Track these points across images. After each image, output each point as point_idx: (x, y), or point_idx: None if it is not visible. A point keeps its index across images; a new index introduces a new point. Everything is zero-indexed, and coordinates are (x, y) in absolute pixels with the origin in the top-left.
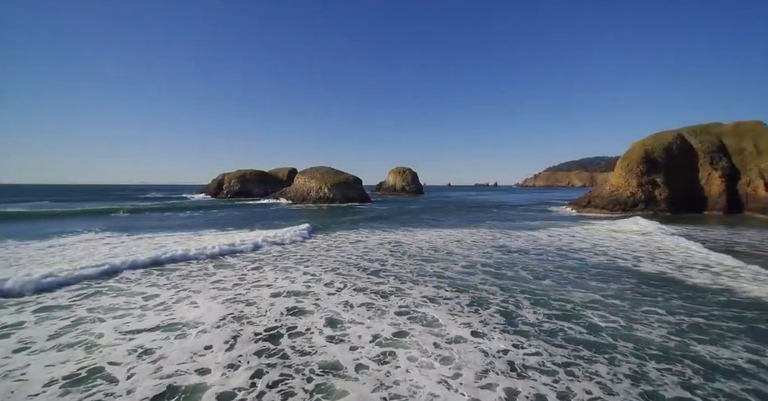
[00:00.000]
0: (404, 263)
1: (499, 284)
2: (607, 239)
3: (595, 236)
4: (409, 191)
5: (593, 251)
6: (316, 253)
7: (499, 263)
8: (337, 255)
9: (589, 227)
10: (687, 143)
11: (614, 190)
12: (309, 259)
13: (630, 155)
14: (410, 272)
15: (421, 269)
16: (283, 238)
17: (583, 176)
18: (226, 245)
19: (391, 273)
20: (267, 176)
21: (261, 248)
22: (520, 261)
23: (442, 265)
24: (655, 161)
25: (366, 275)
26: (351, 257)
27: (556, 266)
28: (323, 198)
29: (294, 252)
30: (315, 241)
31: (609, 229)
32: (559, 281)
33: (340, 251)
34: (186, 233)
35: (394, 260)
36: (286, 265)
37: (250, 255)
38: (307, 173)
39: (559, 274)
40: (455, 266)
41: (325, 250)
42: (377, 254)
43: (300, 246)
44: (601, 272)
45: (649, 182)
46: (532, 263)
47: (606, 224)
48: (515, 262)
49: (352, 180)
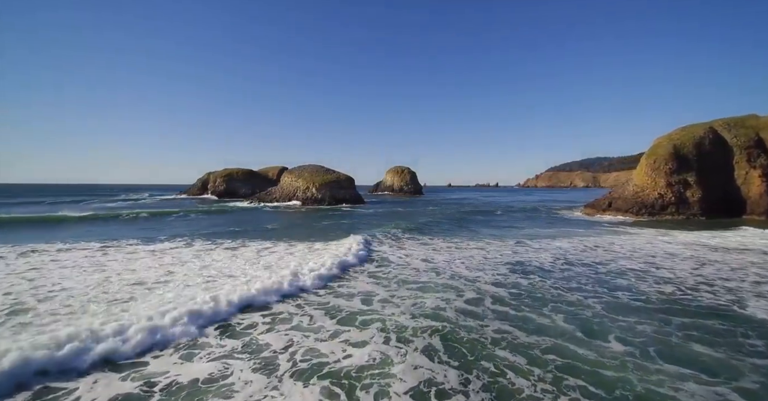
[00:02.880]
0: (394, 297)
1: (523, 349)
2: (660, 254)
3: (638, 248)
4: (408, 192)
5: (653, 276)
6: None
7: (518, 296)
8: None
9: (624, 236)
10: (720, 138)
11: (639, 191)
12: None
13: (656, 151)
14: (400, 314)
15: (418, 305)
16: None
17: (586, 177)
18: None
19: (376, 316)
20: (255, 175)
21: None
22: (548, 292)
23: (441, 297)
24: (686, 157)
25: (333, 323)
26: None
27: (608, 303)
28: (311, 199)
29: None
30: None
31: (652, 239)
32: (630, 342)
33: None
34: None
35: (382, 291)
36: None
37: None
38: (295, 171)
39: (620, 324)
40: (458, 301)
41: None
42: (358, 280)
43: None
44: (695, 322)
45: (680, 181)
46: (566, 296)
47: (639, 232)
48: (540, 292)
49: (343, 179)
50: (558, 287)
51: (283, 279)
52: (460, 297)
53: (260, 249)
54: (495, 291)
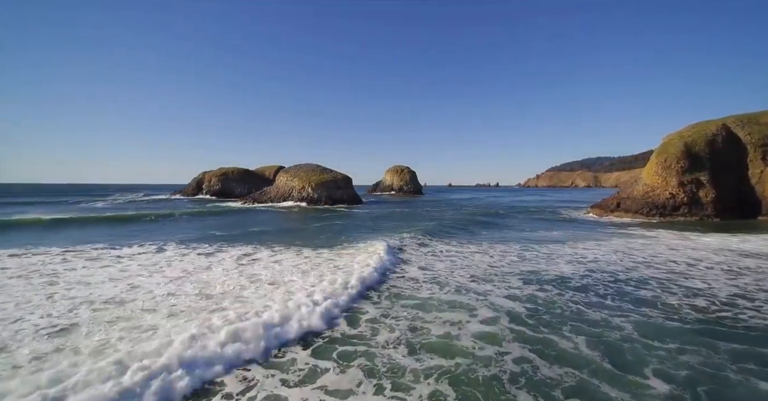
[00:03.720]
0: (389, 318)
1: (545, 389)
2: (683, 260)
3: (657, 253)
4: (407, 192)
5: (681, 287)
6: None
7: (534, 312)
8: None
9: (640, 239)
10: (733, 135)
11: (649, 191)
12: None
13: (667, 149)
14: (398, 346)
15: (419, 335)
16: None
17: (587, 177)
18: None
19: (367, 348)
20: (251, 174)
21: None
22: (567, 307)
23: (451, 319)
24: (698, 155)
25: (308, 356)
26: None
27: (637, 323)
28: (306, 199)
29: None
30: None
31: (671, 242)
32: (673, 378)
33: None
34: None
35: (373, 309)
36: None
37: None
38: (291, 170)
39: (657, 353)
40: (472, 323)
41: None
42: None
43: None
44: (749, 350)
45: (692, 181)
46: (587, 313)
47: (654, 234)
48: (559, 307)
49: (340, 179)
50: (577, 302)
51: (273, 319)
52: (473, 317)
53: (240, 256)
54: (510, 307)
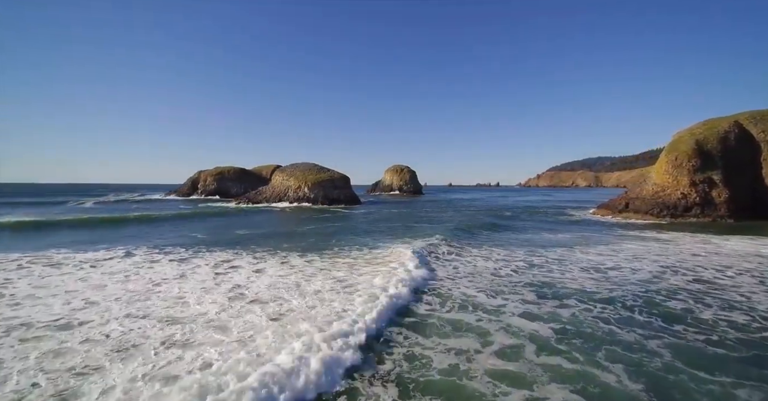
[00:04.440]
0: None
1: None
2: (709, 266)
3: (681, 258)
4: (407, 191)
5: (716, 299)
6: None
7: (563, 335)
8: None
9: (656, 243)
10: (746, 133)
11: (659, 190)
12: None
13: (678, 147)
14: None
15: (416, 370)
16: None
17: (588, 176)
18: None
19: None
20: (248, 174)
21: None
22: (597, 327)
23: (458, 348)
24: (710, 154)
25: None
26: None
27: (676, 347)
28: (303, 199)
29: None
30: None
31: (691, 246)
32: None
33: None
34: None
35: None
36: None
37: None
38: (287, 170)
39: (709, 387)
40: (485, 353)
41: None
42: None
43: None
44: None
45: (705, 180)
46: (619, 334)
47: (671, 237)
48: (588, 327)
49: (337, 178)
50: (607, 320)
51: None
52: (488, 345)
53: (218, 263)
54: (532, 329)
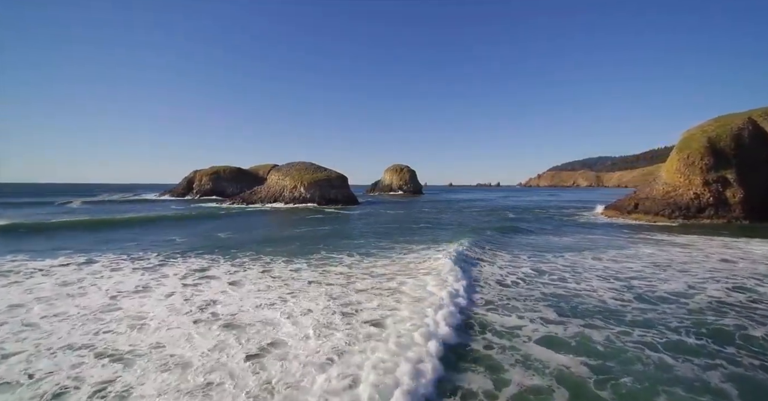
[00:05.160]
0: None
1: None
2: (746, 275)
3: (713, 265)
4: (407, 191)
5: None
6: None
7: (608, 376)
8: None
9: (677, 248)
10: (760, 130)
11: (670, 190)
12: None
13: (689, 144)
14: None
15: None
16: None
17: (589, 176)
18: None
19: None
20: (244, 173)
21: None
22: (644, 357)
23: (466, 384)
24: (723, 152)
25: None
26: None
27: (747, 383)
28: (298, 199)
29: None
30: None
31: (717, 251)
32: None
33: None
34: None
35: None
36: None
37: None
38: (282, 169)
39: None
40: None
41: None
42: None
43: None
44: None
45: (718, 179)
46: (674, 367)
47: (690, 241)
48: (637, 360)
49: (334, 178)
50: (653, 346)
51: None
52: (503, 386)
53: (190, 272)
54: (561, 364)
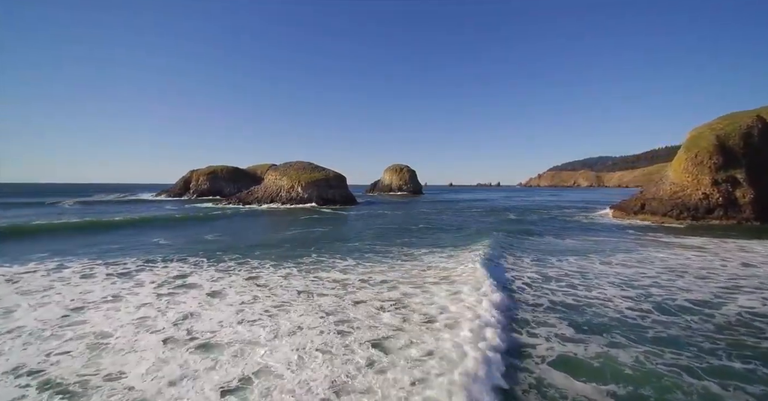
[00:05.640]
0: None
1: None
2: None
3: (736, 272)
4: (407, 191)
5: None
6: None
7: None
8: None
9: (691, 251)
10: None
11: (678, 190)
12: None
13: (698, 143)
14: None
15: None
16: None
17: (589, 176)
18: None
19: None
20: (242, 173)
21: None
22: (689, 388)
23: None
24: (732, 151)
25: None
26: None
27: None
28: (295, 199)
29: None
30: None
31: (736, 254)
32: None
33: None
34: None
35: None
36: None
37: None
38: (280, 169)
39: None
40: None
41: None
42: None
43: None
44: None
45: (728, 179)
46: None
47: (703, 243)
48: (679, 391)
49: (332, 177)
50: (693, 371)
51: None
52: None
53: (168, 280)
54: (583, 393)
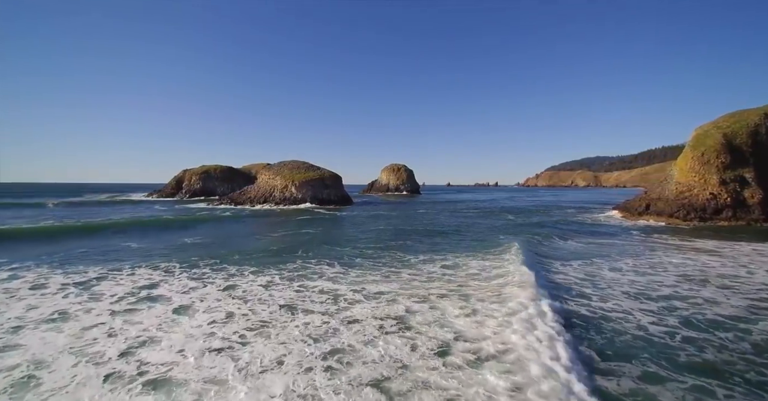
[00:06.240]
0: None
1: None
2: None
3: (760, 282)
4: (404, 191)
5: None
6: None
7: None
8: None
9: (705, 255)
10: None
11: (684, 190)
12: None
13: (704, 141)
14: None
15: None
16: None
17: (587, 176)
18: None
19: None
20: (236, 172)
21: None
22: None
23: None
24: (740, 149)
25: None
26: None
27: None
28: (289, 199)
29: None
30: None
31: (755, 259)
32: None
33: None
34: None
35: None
36: None
37: None
38: (273, 168)
39: None
40: None
41: None
42: None
43: None
44: None
45: (736, 178)
46: None
47: (716, 247)
48: None
49: (327, 177)
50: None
51: None
52: None
53: (133, 290)
54: None
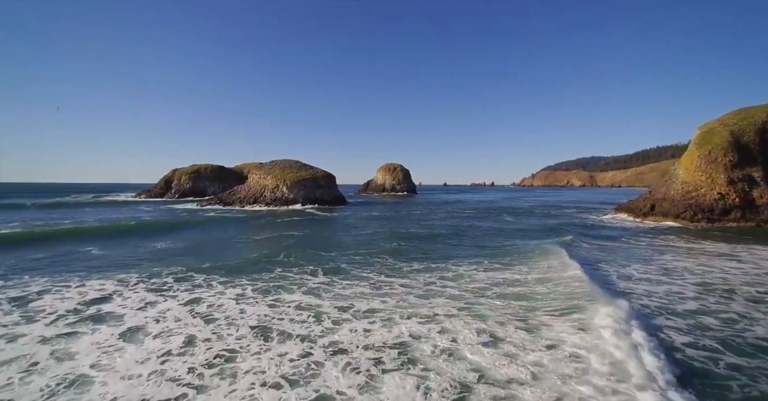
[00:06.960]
0: None
1: None
2: None
3: None
4: (400, 191)
5: None
6: None
7: None
8: None
9: (719, 259)
10: None
11: (690, 190)
12: None
13: (711, 139)
14: None
15: None
16: None
17: (583, 176)
18: None
19: None
20: (227, 172)
21: None
22: None
23: None
24: (747, 147)
25: None
26: None
27: None
28: (281, 199)
29: None
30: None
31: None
32: None
33: None
34: None
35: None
36: None
37: None
38: (264, 167)
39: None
40: None
41: None
42: None
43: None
44: None
45: (744, 178)
46: None
47: (730, 251)
48: None
49: (320, 177)
50: None
51: None
52: None
53: (78, 307)
54: None
